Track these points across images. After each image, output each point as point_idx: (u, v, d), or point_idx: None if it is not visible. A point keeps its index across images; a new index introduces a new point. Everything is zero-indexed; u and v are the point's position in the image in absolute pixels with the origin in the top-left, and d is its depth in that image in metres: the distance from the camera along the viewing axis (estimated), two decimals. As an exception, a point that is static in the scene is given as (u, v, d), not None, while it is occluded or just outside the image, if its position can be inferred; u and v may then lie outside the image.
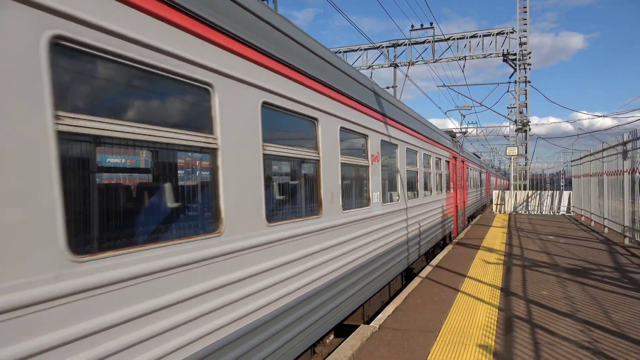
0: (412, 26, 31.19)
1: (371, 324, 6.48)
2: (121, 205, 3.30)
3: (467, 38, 30.34)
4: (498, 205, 28.12)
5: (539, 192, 27.92)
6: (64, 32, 2.26)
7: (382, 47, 32.41)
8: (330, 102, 5.48)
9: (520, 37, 29.40)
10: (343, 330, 6.70)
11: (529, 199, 27.37)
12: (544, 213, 26.78)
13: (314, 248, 4.99)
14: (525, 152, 31.20)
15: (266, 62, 4.14)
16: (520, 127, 30.57)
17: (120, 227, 3.01)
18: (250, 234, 3.82)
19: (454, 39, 30.63)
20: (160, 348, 2.76)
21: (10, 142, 2.02)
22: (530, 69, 29.93)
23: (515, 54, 29.51)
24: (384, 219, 7.57)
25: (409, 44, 31.67)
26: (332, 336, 6.80)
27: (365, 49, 32.39)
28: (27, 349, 2.03)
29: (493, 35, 29.74)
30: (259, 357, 3.86)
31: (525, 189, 30.93)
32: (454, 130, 45.35)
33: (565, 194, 26.96)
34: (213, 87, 3.38)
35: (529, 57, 29.57)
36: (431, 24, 30.86)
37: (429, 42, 31.09)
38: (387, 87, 32.76)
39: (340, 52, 32.70)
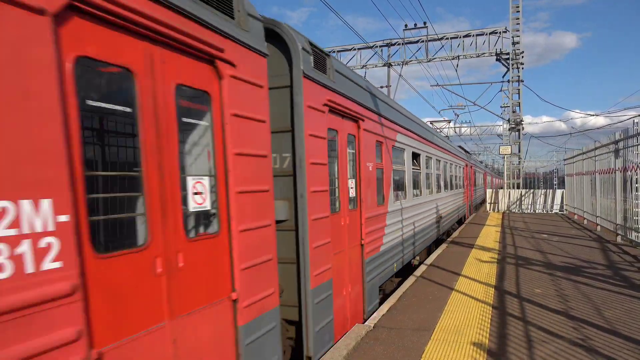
0: (406, 26, 31.23)
1: (366, 323, 6.49)
2: None
3: (460, 37, 30.43)
4: (492, 204, 28.25)
5: (532, 190, 28.09)
6: None
7: (376, 47, 32.44)
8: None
9: (513, 37, 29.51)
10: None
11: (523, 198, 27.52)
12: (537, 212, 26.94)
13: None
14: (519, 151, 31.35)
15: None
16: (513, 126, 30.71)
17: None
18: None
19: (447, 38, 30.70)
20: None
21: None
22: (523, 68, 30.06)
23: (508, 54, 29.63)
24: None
25: (402, 44, 31.72)
26: None
27: (359, 49, 32.41)
28: None
29: (486, 34, 29.85)
30: None
31: (518, 187, 31.09)
32: (449, 130, 45.59)
33: (558, 192, 27.14)
34: None
35: (522, 57, 29.71)
36: (425, 23, 30.93)
37: (423, 41, 31.15)
38: (381, 87, 32.81)
39: (334, 52, 32.72)
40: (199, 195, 3.33)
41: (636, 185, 12.58)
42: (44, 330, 2.12)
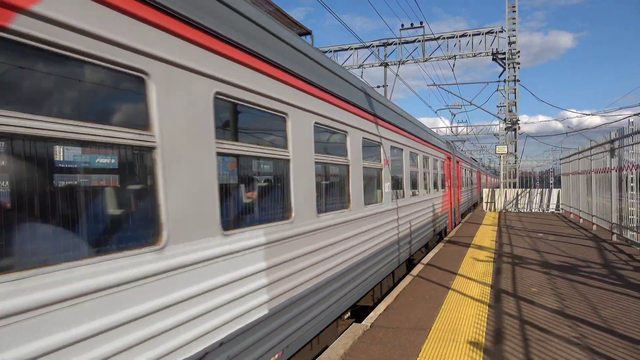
0: (403, 25, 31.29)
1: (363, 322, 6.49)
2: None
3: (456, 37, 30.50)
4: (488, 204, 28.33)
5: (528, 190, 28.18)
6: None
7: (373, 47, 32.47)
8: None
9: (509, 37, 29.62)
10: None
11: (519, 197, 27.61)
12: (533, 211, 27.03)
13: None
14: (515, 151, 31.47)
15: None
16: (509, 125, 30.82)
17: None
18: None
19: (443, 38, 30.77)
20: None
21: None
22: (519, 68, 30.19)
23: (504, 53, 29.73)
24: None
25: (399, 43, 31.77)
26: None
27: (356, 49, 32.45)
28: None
29: (482, 34, 29.94)
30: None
31: (515, 187, 31.18)
32: (445, 130, 45.84)
33: (555, 191, 27.23)
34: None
35: (518, 56, 29.82)
36: (421, 23, 30.99)
37: (419, 41, 31.21)
38: (378, 86, 32.82)
39: (330, 52, 32.71)
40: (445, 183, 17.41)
41: (631, 184, 12.64)
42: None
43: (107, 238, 2.91)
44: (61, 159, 3.25)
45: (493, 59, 30.42)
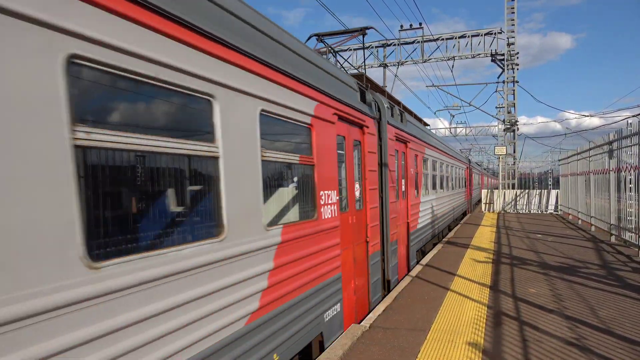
0: (402, 26, 31.28)
1: (362, 323, 6.50)
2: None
3: (455, 38, 30.53)
4: (487, 205, 28.35)
5: (527, 191, 28.22)
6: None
7: (372, 47, 32.49)
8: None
9: (508, 38, 29.63)
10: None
11: (518, 198, 27.64)
12: (532, 212, 27.06)
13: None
14: (514, 152, 31.48)
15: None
16: (508, 126, 30.84)
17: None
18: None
19: (442, 39, 30.80)
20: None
21: None
22: (518, 69, 30.19)
23: (503, 54, 29.75)
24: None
25: (398, 44, 31.79)
26: None
27: (355, 49, 32.45)
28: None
29: (481, 35, 29.95)
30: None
31: (513, 188, 31.22)
32: (444, 130, 46.18)
33: (553, 192, 27.27)
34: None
35: (517, 58, 29.83)
36: (420, 24, 30.97)
37: (418, 42, 31.23)
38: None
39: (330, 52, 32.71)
40: (465, 183, 27.17)
41: (630, 185, 12.67)
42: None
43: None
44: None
45: (492, 60, 30.44)
